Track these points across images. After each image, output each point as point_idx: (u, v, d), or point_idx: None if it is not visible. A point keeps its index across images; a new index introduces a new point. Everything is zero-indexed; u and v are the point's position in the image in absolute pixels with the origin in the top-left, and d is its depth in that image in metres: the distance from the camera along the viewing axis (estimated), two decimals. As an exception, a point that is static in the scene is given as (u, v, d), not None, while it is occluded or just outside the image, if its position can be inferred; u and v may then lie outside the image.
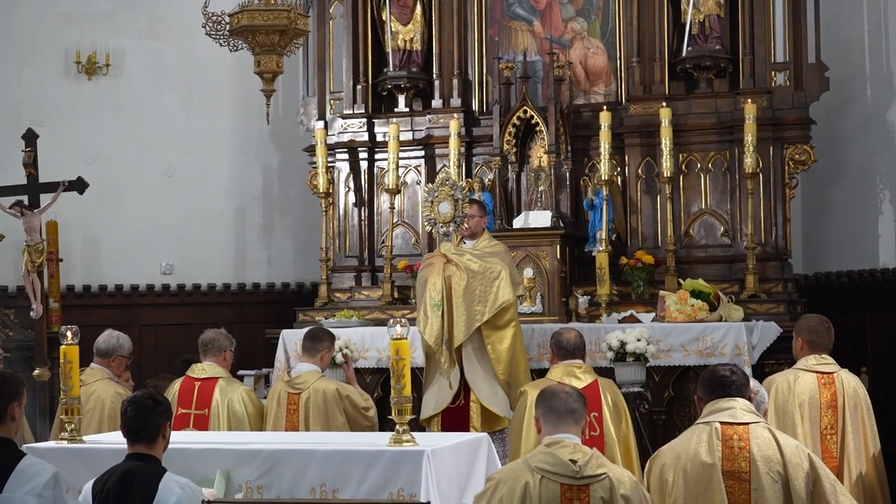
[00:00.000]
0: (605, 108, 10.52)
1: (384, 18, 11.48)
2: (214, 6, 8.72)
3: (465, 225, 8.99)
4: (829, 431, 6.96)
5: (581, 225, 10.78)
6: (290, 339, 10.15)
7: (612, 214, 10.50)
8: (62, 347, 6.57)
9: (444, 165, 11.08)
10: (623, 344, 8.96)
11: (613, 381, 8.07)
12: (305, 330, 8.31)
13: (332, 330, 9.74)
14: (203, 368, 7.79)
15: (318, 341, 8.04)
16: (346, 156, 11.58)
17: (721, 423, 5.43)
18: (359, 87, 11.55)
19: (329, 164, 11.45)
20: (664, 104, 10.44)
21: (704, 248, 10.61)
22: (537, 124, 10.62)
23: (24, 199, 10.69)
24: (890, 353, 10.41)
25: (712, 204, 10.63)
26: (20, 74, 12.23)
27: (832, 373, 7.05)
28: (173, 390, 7.75)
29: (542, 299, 10.09)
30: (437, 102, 11.39)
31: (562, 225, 10.39)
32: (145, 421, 5.34)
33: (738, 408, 5.48)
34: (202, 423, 7.57)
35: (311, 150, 11.59)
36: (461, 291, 8.58)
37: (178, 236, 12.60)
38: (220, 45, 8.84)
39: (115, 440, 6.03)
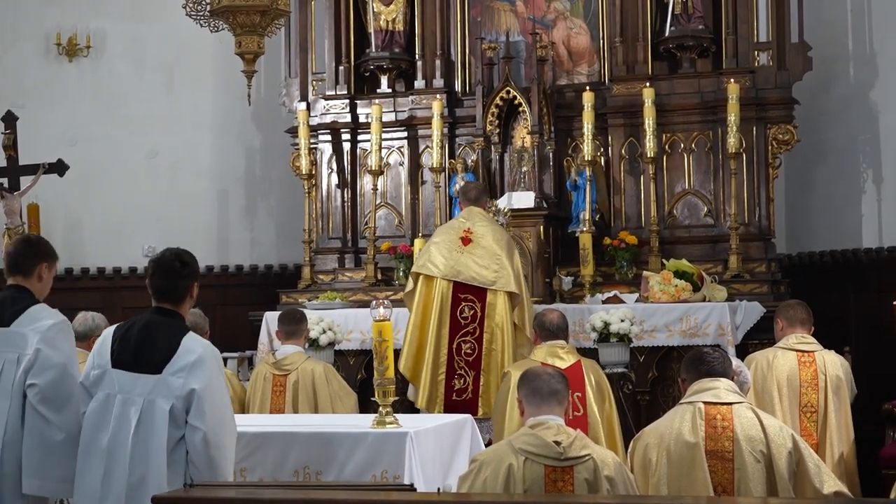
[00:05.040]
0: (587, 88, 10.49)
1: (366, -1, 11.44)
2: (195, -14, 8.68)
3: None
4: (809, 410, 7.00)
5: (564, 205, 10.75)
6: (274, 321, 10.07)
7: (596, 195, 10.49)
8: (44, 331, 6.51)
9: (427, 146, 11.06)
10: (607, 325, 8.97)
11: (597, 361, 8.09)
12: (280, 313, 8.27)
13: (316, 312, 9.77)
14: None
15: (300, 322, 8.06)
16: (328, 137, 11.52)
17: (704, 402, 5.44)
18: (341, 68, 11.49)
19: (311, 146, 11.39)
20: (647, 84, 10.41)
21: (688, 229, 10.60)
22: (520, 105, 10.58)
23: (4, 181, 10.65)
24: (873, 332, 10.43)
25: (696, 184, 10.61)
26: (0, 56, 12.15)
27: (812, 352, 7.08)
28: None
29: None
30: (419, 83, 11.34)
31: (545, 206, 10.37)
32: (173, 284, 5.34)
33: (721, 388, 5.49)
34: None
35: (293, 131, 11.53)
36: None
37: (161, 218, 12.53)
38: (201, 25, 8.80)
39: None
